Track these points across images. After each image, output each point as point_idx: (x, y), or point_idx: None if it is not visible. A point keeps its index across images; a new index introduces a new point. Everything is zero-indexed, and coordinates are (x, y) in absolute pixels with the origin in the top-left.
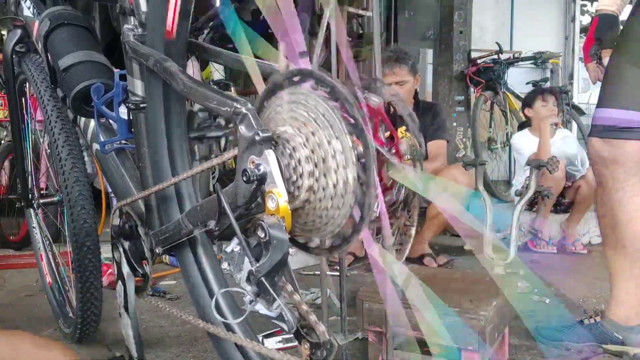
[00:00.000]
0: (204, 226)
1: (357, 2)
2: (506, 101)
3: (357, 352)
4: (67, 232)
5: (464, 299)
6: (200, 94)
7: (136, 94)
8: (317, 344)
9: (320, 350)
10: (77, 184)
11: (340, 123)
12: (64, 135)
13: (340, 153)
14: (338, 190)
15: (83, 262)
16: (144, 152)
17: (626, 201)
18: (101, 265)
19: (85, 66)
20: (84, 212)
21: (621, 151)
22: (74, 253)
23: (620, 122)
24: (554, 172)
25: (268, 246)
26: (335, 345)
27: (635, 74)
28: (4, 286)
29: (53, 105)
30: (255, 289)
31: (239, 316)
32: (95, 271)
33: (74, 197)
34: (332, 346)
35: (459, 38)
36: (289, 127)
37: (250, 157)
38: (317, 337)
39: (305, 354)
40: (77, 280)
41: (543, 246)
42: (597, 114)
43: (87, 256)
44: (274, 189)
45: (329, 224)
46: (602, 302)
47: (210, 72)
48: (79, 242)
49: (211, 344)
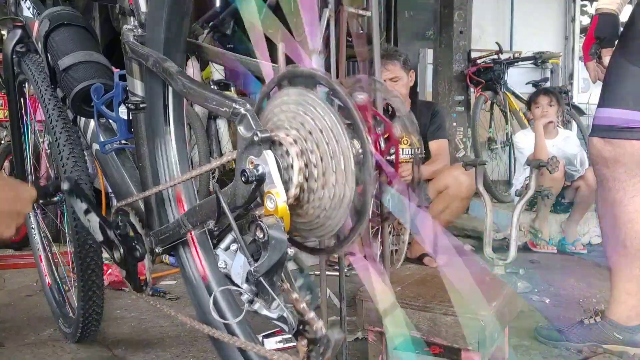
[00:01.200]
0: (203, 226)
1: (357, 2)
2: (506, 101)
3: (357, 352)
4: (68, 231)
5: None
6: (199, 95)
7: (136, 94)
8: (315, 339)
9: (317, 347)
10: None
11: (339, 123)
12: (65, 135)
13: (339, 153)
14: (337, 188)
15: (85, 260)
16: (143, 152)
17: (627, 201)
18: (103, 265)
19: (85, 66)
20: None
21: (622, 151)
22: (76, 252)
23: (621, 122)
24: (554, 172)
25: (266, 246)
26: (332, 340)
27: (636, 73)
28: (4, 286)
29: (54, 105)
30: (254, 288)
31: (239, 315)
32: (97, 270)
33: None
34: (330, 341)
35: (459, 38)
36: (288, 127)
37: (249, 157)
38: (315, 333)
39: (303, 351)
40: (79, 279)
41: (543, 246)
42: (598, 114)
43: (89, 255)
44: (272, 189)
45: (329, 223)
46: (602, 301)
47: (210, 72)
48: (81, 241)
49: (211, 344)
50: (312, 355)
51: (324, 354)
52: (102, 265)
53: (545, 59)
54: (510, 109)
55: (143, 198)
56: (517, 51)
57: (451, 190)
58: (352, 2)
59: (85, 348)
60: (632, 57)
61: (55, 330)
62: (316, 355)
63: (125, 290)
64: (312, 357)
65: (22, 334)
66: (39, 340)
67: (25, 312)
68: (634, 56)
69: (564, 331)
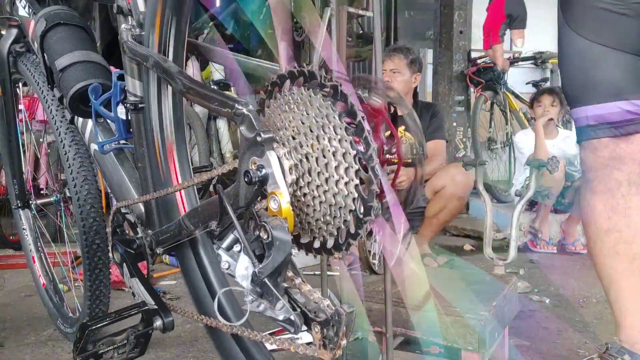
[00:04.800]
0: (205, 227)
1: (357, 2)
2: (506, 101)
3: (357, 352)
4: (75, 230)
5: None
6: (201, 95)
7: (134, 94)
8: (326, 321)
9: (329, 327)
10: (85, 183)
11: (340, 122)
12: (70, 135)
13: (341, 151)
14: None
15: (93, 260)
16: (142, 153)
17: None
18: (109, 264)
19: (83, 66)
20: (93, 211)
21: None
22: (84, 251)
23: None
24: (554, 172)
25: (271, 247)
26: (343, 314)
27: (612, 57)
28: (4, 286)
29: (57, 105)
30: (258, 290)
31: (241, 316)
32: (105, 269)
33: (83, 196)
34: (340, 316)
35: (459, 38)
36: (289, 126)
37: (252, 158)
38: (325, 314)
39: (318, 338)
40: (86, 278)
41: (543, 246)
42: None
43: (96, 254)
44: (276, 190)
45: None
46: (602, 301)
47: (210, 72)
48: (89, 241)
49: (211, 344)
50: (327, 335)
51: (337, 332)
52: (109, 265)
53: (545, 59)
54: (510, 109)
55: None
56: (517, 51)
57: (448, 189)
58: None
59: None
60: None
61: (55, 330)
62: (331, 336)
63: (125, 290)
64: (328, 338)
65: (22, 334)
66: (39, 340)
67: (25, 312)
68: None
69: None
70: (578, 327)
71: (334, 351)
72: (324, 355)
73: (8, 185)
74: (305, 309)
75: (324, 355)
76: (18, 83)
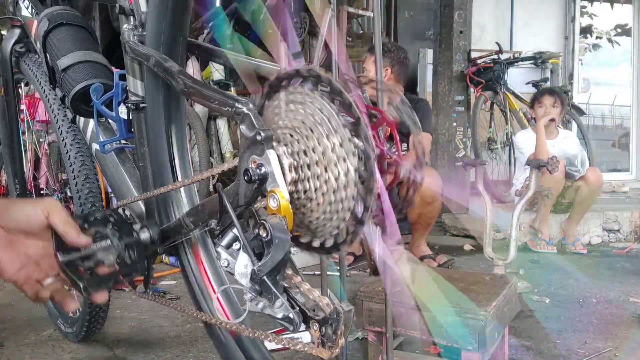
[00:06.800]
0: (205, 226)
1: (357, 2)
2: (506, 101)
3: (357, 352)
4: None
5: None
6: (201, 94)
7: (136, 94)
8: (325, 319)
9: (328, 325)
10: (87, 182)
11: (341, 122)
12: (71, 135)
13: (340, 148)
14: (340, 184)
15: None
16: (143, 152)
17: None
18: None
19: (85, 66)
20: (94, 210)
21: None
22: None
23: None
24: (554, 172)
25: (270, 245)
26: (341, 312)
27: None
28: (4, 286)
29: (59, 105)
30: (257, 287)
31: (240, 314)
32: None
33: (84, 195)
34: (339, 314)
35: (459, 38)
36: (289, 125)
37: (252, 156)
38: (323, 312)
39: (316, 336)
40: None
41: (543, 246)
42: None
43: None
44: (275, 188)
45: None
46: (602, 301)
47: (210, 72)
48: None
49: (211, 344)
50: (326, 334)
51: (336, 330)
52: None
53: (545, 59)
54: (510, 109)
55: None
56: (517, 51)
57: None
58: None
59: (86, 348)
60: None
61: (55, 330)
62: (329, 335)
63: (125, 290)
64: (326, 336)
65: (22, 334)
66: (39, 340)
67: (25, 312)
68: None
69: None
70: (578, 327)
71: (332, 350)
72: (322, 354)
73: (9, 185)
74: (304, 307)
75: (322, 354)
76: (20, 83)
